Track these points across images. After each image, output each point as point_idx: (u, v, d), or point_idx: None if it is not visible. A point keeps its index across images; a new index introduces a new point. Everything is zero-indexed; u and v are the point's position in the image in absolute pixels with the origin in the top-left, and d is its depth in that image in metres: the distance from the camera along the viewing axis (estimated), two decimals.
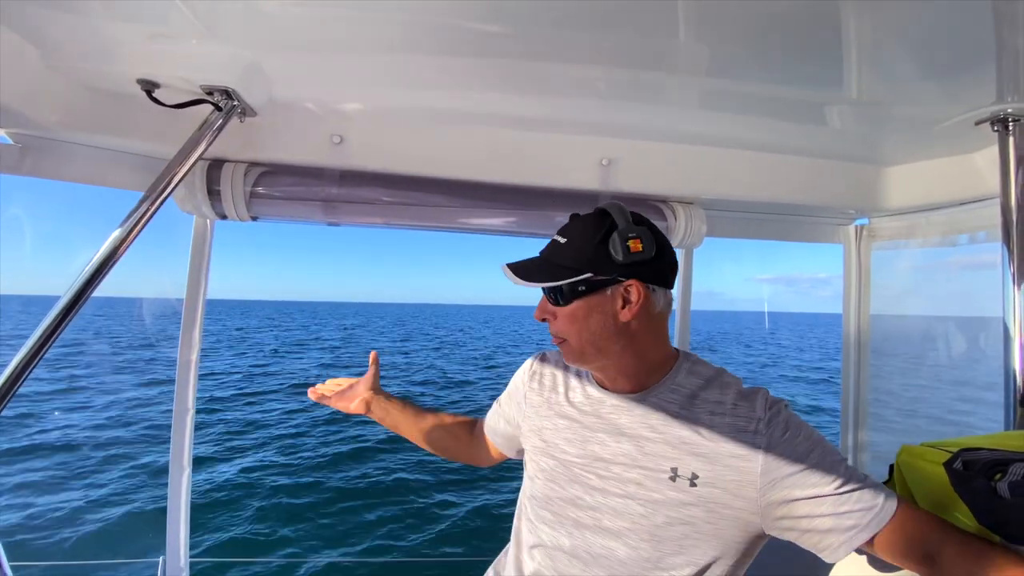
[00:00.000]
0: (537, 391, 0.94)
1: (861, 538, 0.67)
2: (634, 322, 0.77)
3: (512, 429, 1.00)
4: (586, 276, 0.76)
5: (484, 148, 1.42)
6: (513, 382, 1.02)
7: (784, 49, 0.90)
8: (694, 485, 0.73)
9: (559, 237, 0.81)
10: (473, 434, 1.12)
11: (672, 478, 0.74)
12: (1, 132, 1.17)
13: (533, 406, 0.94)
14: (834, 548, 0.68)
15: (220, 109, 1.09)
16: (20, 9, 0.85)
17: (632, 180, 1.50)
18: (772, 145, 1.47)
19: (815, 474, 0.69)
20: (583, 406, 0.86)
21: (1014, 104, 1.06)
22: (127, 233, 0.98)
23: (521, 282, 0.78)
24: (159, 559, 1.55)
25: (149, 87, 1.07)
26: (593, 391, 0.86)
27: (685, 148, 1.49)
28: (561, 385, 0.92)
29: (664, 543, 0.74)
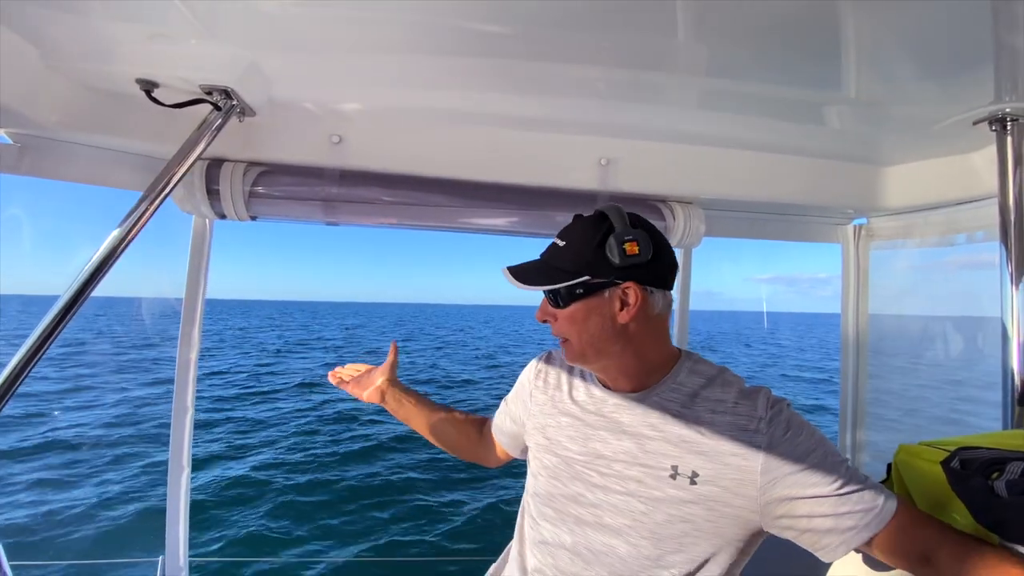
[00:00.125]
0: (542, 389, 0.95)
1: (860, 539, 0.67)
2: (633, 324, 0.78)
3: (517, 427, 1.01)
4: (583, 279, 0.77)
5: (483, 148, 1.42)
6: (519, 381, 1.04)
7: (783, 49, 0.91)
8: (694, 483, 0.73)
9: (559, 240, 0.81)
10: (482, 434, 1.12)
11: (672, 476, 0.74)
12: (0, 132, 1.17)
13: (538, 404, 0.95)
14: (832, 548, 0.69)
15: (219, 109, 1.10)
16: (20, 9, 0.85)
17: (631, 180, 1.51)
18: (771, 145, 1.47)
19: (816, 474, 0.69)
20: (586, 404, 0.87)
21: (1012, 104, 1.06)
22: (126, 233, 0.98)
23: (521, 285, 0.79)
24: (158, 558, 1.55)
25: (148, 87, 1.07)
26: (596, 390, 0.87)
27: (684, 148, 1.49)
28: (565, 384, 0.92)
29: (664, 540, 0.74)
